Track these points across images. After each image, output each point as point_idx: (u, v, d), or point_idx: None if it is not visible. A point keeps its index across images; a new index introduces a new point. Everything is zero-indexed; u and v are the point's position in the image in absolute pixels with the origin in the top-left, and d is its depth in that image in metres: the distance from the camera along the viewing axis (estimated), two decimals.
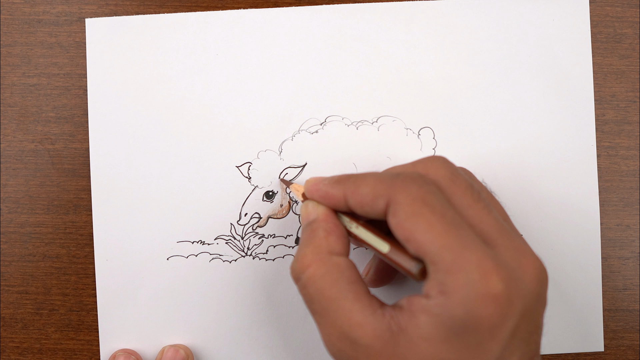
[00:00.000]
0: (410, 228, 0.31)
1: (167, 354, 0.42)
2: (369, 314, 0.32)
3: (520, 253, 0.32)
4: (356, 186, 0.34)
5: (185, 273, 0.44)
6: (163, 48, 0.44)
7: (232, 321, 0.44)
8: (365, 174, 0.35)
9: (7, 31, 0.45)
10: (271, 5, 0.45)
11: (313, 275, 0.33)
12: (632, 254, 0.45)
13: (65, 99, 0.45)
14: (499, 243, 0.32)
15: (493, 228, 0.32)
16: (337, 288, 0.33)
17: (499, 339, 0.30)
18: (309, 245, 0.35)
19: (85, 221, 0.45)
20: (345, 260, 0.34)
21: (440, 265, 0.31)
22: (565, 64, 0.44)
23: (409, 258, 0.33)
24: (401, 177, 0.33)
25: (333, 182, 0.36)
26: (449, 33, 0.44)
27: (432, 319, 0.30)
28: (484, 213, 0.33)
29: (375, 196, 0.33)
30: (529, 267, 0.32)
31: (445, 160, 0.35)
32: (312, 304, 0.34)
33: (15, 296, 0.45)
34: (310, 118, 0.44)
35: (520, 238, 0.34)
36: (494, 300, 0.30)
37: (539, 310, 0.32)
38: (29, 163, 0.45)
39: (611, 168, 0.45)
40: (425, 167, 0.35)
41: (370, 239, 0.35)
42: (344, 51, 0.44)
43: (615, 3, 0.45)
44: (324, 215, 0.36)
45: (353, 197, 0.34)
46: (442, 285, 0.30)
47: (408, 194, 0.32)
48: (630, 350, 0.45)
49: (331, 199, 0.35)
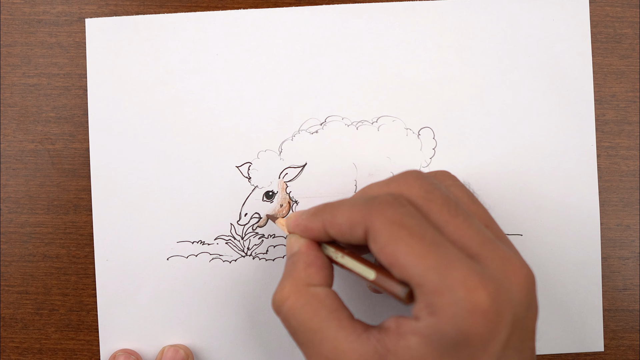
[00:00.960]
0: (391, 253, 0.31)
1: (167, 354, 0.42)
2: (353, 339, 0.32)
3: (505, 262, 0.32)
4: (333, 216, 0.34)
5: (185, 273, 0.44)
6: (163, 48, 0.44)
7: (232, 321, 0.44)
8: (341, 202, 0.35)
9: (7, 31, 0.45)
10: (271, 5, 0.45)
11: (292, 308, 0.34)
12: (632, 254, 0.45)
13: (65, 99, 0.45)
14: (483, 255, 0.32)
15: (475, 241, 0.32)
16: (319, 318, 0.33)
17: (491, 352, 0.30)
18: (288, 277, 0.35)
19: (85, 221, 0.45)
20: (325, 289, 0.34)
21: (426, 287, 0.30)
22: (565, 64, 0.44)
23: (395, 282, 0.33)
24: (376, 202, 0.33)
25: (310, 214, 0.36)
26: (449, 33, 0.44)
27: (423, 339, 0.30)
28: (464, 227, 0.32)
29: (353, 224, 0.33)
30: (516, 276, 0.32)
31: (419, 176, 0.35)
32: (296, 336, 0.34)
33: (15, 296, 0.45)
34: (310, 118, 0.44)
35: (505, 245, 0.34)
36: (482, 315, 0.30)
37: (530, 317, 0.32)
38: (29, 163, 0.45)
39: (611, 168, 0.45)
40: (399, 186, 0.34)
41: (356, 267, 0.35)
42: (344, 51, 0.44)
43: (615, 3, 0.45)
44: (305, 248, 0.36)
45: (331, 227, 0.34)
46: (430, 306, 0.30)
47: (384, 219, 0.32)
48: (630, 350, 0.45)
49: (311, 232, 0.36)
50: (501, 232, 0.35)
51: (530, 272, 0.32)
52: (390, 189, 0.35)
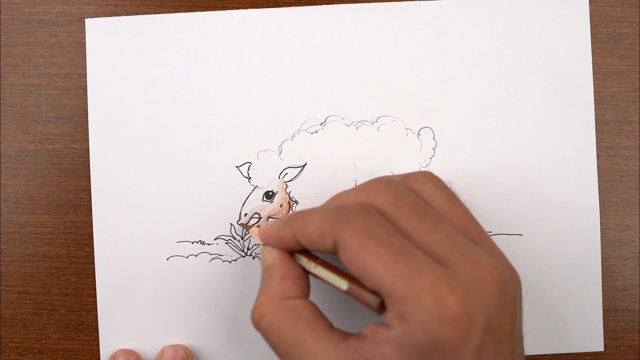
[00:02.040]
0: (360, 263, 0.31)
1: (167, 354, 0.42)
2: (331, 350, 0.32)
3: (476, 266, 0.31)
4: (304, 225, 0.34)
5: (185, 273, 0.44)
6: (163, 48, 0.44)
7: (232, 321, 0.44)
8: (311, 212, 0.35)
9: (7, 31, 0.45)
10: (271, 5, 0.45)
11: (270, 323, 0.34)
12: (632, 254, 0.45)
13: (65, 99, 0.45)
14: (453, 260, 0.32)
15: (445, 246, 0.32)
16: (297, 331, 0.33)
17: (464, 357, 0.30)
18: (264, 292, 0.35)
19: (85, 221, 0.45)
20: (302, 301, 0.34)
21: (395, 295, 0.30)
22: (565, 64, 0.44)
23: (368, 292, 0.33)
24: (345, 212, 0.33)
25: (282, 223, 0.36)
26: (449, 33, 0.44)
27: (396, 348, 0.30)
28: (433, 232, 0.32)
29: (322, 235, 0.33)
30: (487, 280, 0.31)
31: (387, 183, 0.35)
32: (277, 350, 0.34)
33: (15, 296, 0.45)
34: (310, 118, 0.44)
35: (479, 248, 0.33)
36: (453, 321, 0.30)
37: (506, 319, 0.32)
38: (29, 163, 0.45)
39: (611, 168, 0.45)
40: (368, 195, 0.34)
41: (329, 277, 0.35)
42: (344, 51, 0.44)
43: (615, 3, 0.45)
44: (278, 260, 0.36)
45: (302, 237, 0.34)
46: (400, 315, 0.30)
47: (352, 229, 0.32)
48: (630, 350, 0.45)
49: (283, 241, 0.36)
50: (481, 234, 0.35)
51: (502, 275, 0.32)
52: (359, 197, 0.35)
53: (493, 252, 0.34)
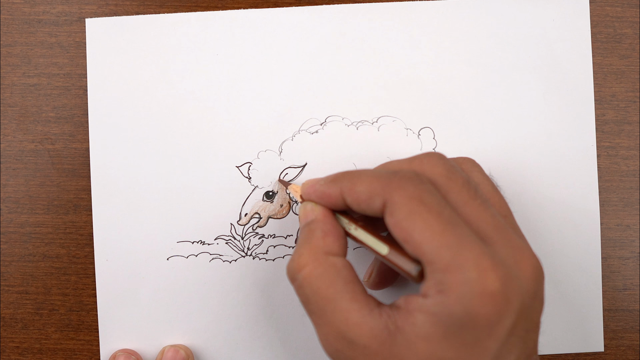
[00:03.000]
0: (407, 228, 0.31)
1: (167, 354, 0.42)
2: (365, 313, 0.32)
3: (517, 251, 0.32)
4: (352, 184, 0.34)
5: (185, 273, 0.44)
6: (163, 48, 0.44)
7: (232, 321, 0.44)
8: (362, 171, 0.34)
9: (7, 31, 0.45)
10: (271, 5, 0.45)
11: (309, 275, 0.33)
12: (632, 254, 0.45)
13: (65, 99, 0.45)
14: (495, 240, 0.32)
15: (490, 225, 0.32)
16: (334, 288, 0.33)
17: (496, 336, 0.30)
18: (305, 245, 0.35)
19: (85, 221, 0.44)
20: (342, 260, 0.34)
21: (438, 264, 0.30)
22: (566, 64, 0.44)
23: (408, 260, 0.33)
24: (398, 176, 0.33)
25: (329, 180, 0.36)
26: (449, 33, 0.44)
27: (429, 317, 0.30)
28: (480, 210, 0.33)
29: (372, 195, 0.33)
30: (526, 265, 0.32)
31: (442, 156, 0.35)
32: (309, 304, 0.34)
33: (15, 296, 0.45)
34: (311, 118, 0.44)
35: (518, 235, 0.34)
36: (491, 298, 0.30)
37: (536, 308, 0.32)
38: (29, 163, 0.45)
39: (611, 168, 0.45)
40: (422, 164, 0.34)
41: (369, 240, 0.35)
42: (344, 51, 0.44)
43: (615, 3, 0.45)
44: (322, 216, 0.36)
45: (350, 195, 0.34)
46: (439, 284, 0.30)
47: (404, 193, 0.32)
48: (630, 350, 0.45)
49: (328, 198, 0.35)
50: (516, 225, 0.35)
51: (539, 264, 0.32)
52: (412, 165, 0.35)
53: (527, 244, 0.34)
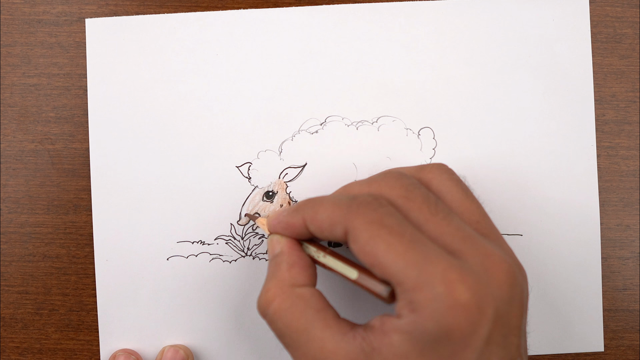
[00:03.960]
0: (371, 252, 0.31)
1: (167, 354, 0.42)
2: (339, 339, 0.32)
3: (486, 258, 0.32)
4: (314, 212, 0.34)
5: (185, 273, 0.44)
6: (163, 48, 0.44)
7: (232, 321, 0.44)
8: (323, 199, 0.35)
9: (7, 31, 0.45)
10: (271, 5, 0.45)
11: (278, 310, 0.34)
12: (632, 254, 0.45)
13: (65, 99, 0.45)
14: (463, 251, 0.32)
15: (455, 238, 0.32)
16: (305, 319, 0.33)
17: (473, 347, 0.30)
18: (272, 279, 0.35)
19: (85, 221, 0.45)
20: (310, 289, 0.34)
21: (406, 284, 0.30)
22: (565, 64, 0.44)
23: (377, 282, 0.33)
24: (356, 202, 0.33)
25: (292, 210, 0.36)
26: (449, 33, 0.44)
27: (404, 336, 0.30)
28: (443, 224, 0.33)
29: (333, 222, 0.33)
30: (497, 271, 0.32)
31: (400, 176, 0.35)
32: (283, 338, 0.34)
33: (15, 296, 0.45)
34: (310, 118, 0.44)
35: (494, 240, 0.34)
36: (463, 310, 0.30)
37: (513, 312, 0.32)
38: (29, 163, 0.45)
39: (611, 168, 0.45)
40: (380, 186, 0.35)
41: (338, 266, 0.35)
42: (344, 51, 0.44)
43: (615, 3, 0.45)
44: (287, 248, 0.36)
45: (312, 223, 0.34)
46: (410, 303, 0.30)
47: (364, 218, 0.32)
48: (630, 350, 0.45)
49: (293, 228, 0.36)
50: (492, 229, 0.35)
51: (512, 267, 0.32)
52: (371, 188, 0.35)
53: (503, 247, 0.34)
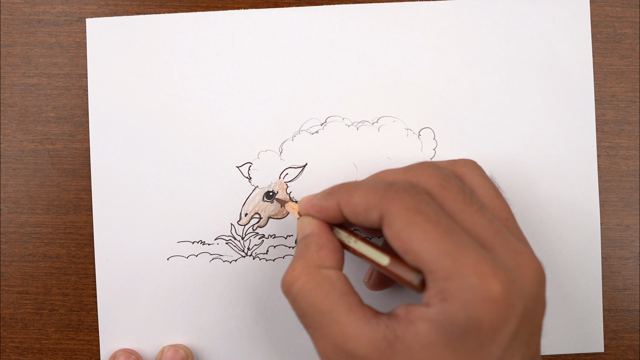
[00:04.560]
0: (406, 238, 0.31)
1: (167, 354, 0.42)
2: (363, 324, 0.32)
3: (517, 254, 0.32)
4: (349, 196, 0.34)
5: (185, 273, 0.44)
6: (164, 48, 0.44)
7: (232, 321, 0.44)
8: (358, 183, 0.35)
9: (7, 31, 0.45)
10: (271, 5, 0.45)
11: (302, 289, 0.33)
12: (632, 254, 0.45)
13: (65, 99, 0.45)
14: (495, 245, 0.32)
15: (488, 231, 0.32)
16: (329, 301, 0.33)
17: (499, 341, 0.30)
18: (300, 259, 0.35)
19: (85, 221, 0.44)
20: (337, 272, 0.34)
21: (439, 272, 0.30)
22: (566, 64, 0.44)
23: (409, 270, 0.33)
24: (394, 188, 0.33)
25: (326, 194, 0.36)
26: (450, 33, 0.44)
27: (432, 325, 0.30)
28: (477, 216, 0.33)
29: (369, 207, 0.33)
30: (527, 269, 0.32)
31: (436, 165, 0.35)
32: (305, 318, 0.33)
33: (15, 296, 0.45)
34: (311, 118, 0.44)
35: (518, 239, 0.34)
36: (494, 303, 0.30)
37: (538, 311, 0.32)
38: (29, 163, 0.45)
39: (611, 168, 0.45)
40: (416, 174, 0.35)
41: (369, 252, 0.35)
42: (345, 51, 0.44)
43: (615, 3, 0.45)
44: (317, 229, 0.36)
45: (346, 207, 0.34)
46: (441, 292, 0.30)
47: (401, 204, 0.32)
48: (630, 350, 0.45)
49: (326, 211, 0.35)
50: (518, 228, 0.35)
51: (541, 267, 0.32)
52: (407, 176, 0.35)
53: (527, 247, 0.34)
